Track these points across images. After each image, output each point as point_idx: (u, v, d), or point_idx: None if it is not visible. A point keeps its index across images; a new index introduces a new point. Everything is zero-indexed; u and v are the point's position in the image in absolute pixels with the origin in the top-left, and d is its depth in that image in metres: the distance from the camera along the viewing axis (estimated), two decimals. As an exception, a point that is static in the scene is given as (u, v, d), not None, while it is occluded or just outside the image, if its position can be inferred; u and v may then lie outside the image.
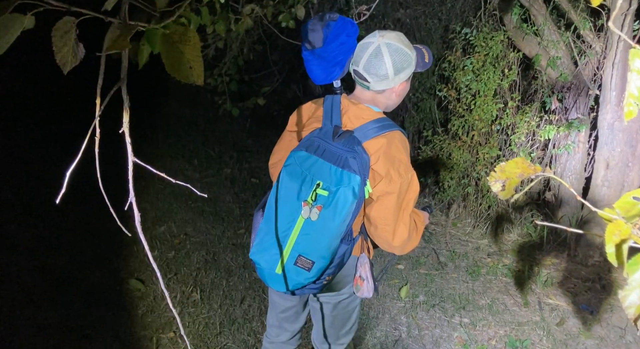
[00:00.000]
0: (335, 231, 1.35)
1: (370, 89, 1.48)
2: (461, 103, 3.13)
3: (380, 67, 1.43)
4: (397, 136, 1.44)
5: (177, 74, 1.12)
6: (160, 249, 3.08)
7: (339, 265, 1.44)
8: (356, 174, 1.35)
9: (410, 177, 1.43)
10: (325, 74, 1.49)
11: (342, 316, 1.68)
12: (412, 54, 1.46)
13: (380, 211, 1.41)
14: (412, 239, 1.49)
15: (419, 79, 3.80)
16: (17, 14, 1.12)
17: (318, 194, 1.35)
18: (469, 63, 2.95)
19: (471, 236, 3.37)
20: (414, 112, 3.92)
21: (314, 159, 1.38)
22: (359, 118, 1.46)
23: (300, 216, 1.36)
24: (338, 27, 1.45)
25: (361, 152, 1.38)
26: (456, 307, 2.71)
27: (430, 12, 3.83)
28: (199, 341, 2.37)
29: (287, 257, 1.39)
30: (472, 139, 3.16)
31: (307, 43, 1.50)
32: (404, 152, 1.43)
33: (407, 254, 3.21)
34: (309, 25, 1.50)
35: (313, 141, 1.42)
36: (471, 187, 3.33)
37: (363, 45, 1.46)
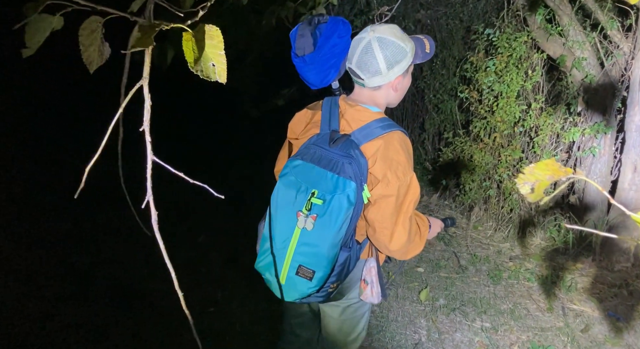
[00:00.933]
0: (331, 240, 1.32)
1: (366, 86, 1.45)
2: (483, 105, 3.09)
3: (371, 62, 1.39)
4: (395, 136, 1.40)
5: (200, 72, 1.13)
6: (181, 249, 3.11)
7: (342, 272, 1.41)
8: (351, 180, 1.32)
9: (410, 179, 1.39)
10: (319, 79, 1.46)
11: (350, 322, 1.64)
12: (407, 46, 1.41)
13: (378, 214, 1.38)
14: (414, 243, 1.45)
15: (439, 81, 3.77)
16: (47, 14, 1.14)
17: (313, 203, 1.33)
18: (492, 64, 2.90)
19: (492, 239, 3.32)
20: (434, 114, 3.88)
21: (309, 166, 1.36)
22: (357, 120, 1.43)
23: (296, 226, 1.35)
24: (328, 29, 1.42)
25: (358, 157, 1.35)
26: (477, 311, 2.67)
27: (451, 13, 3.79)
28: (220, 341, 2.38)
29: (288, 268, 1.37)
30: (494, 141, 3.11)
31: (297, 50, 1.46)
32: (402, 154, 1.39)
33: (427, 257, 3.18)
34: (298, 30, 1.47)
35: (309, 148, 1.39)
36: (493, 190, 3.28)
37: (355, 42, 1.43)
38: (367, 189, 1.38)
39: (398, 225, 1.38)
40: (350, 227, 1.35)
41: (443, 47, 3.77)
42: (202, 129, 5.29)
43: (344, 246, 1.37)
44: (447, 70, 3.65)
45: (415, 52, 1.44)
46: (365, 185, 1.37)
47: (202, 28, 1.11)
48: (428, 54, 1.47)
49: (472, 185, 3.26)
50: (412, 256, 1.48)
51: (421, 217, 1.55)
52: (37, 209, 3.48)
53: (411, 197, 1.39)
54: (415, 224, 1.45)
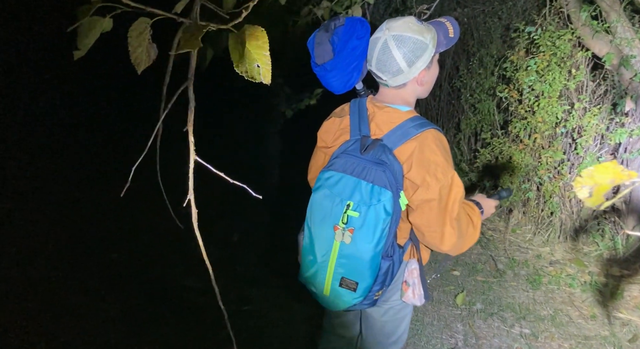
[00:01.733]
0: (371, 252, 1.29)
1: (390, 86, 1.39)
2: (523, 104, 3.00)
3: (390, 63, 1.33)
4: (429, 135, 1.33)
5: (244, 73, 1.13)
6: (217, 247, 3.15)
7: (386, 280, 1.38)
8: (387, 189, 1.27)
9: (451, 178, 1.32)
10: (342, 83, 1.42)
11: (392, 323, 1.62)
12: (427, 38, 1.33)
13: (423, 219, 1.33)
14: (467, 236, 1.39)
15: (477, 80, 3.69)
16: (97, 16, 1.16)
17: (349, 216, 1.29)
18: (533, 63, 2.82)
19: (531, 243, 3.23)
20: (471, 114, 3.80)
21: (342, 177, 1.32)
22: (387, 123, 1.37)
23: (334, 240, 1.32)
24: (346, 32, 1.38)
25: (392, 162, 1.30)
26: (516, 317, 2.60)
27: (489, 11, 3.71)
28: (254, 339, 2.39)
29: (331, 280, 1.35)
30: (534, 142, 3.02)
31: (316, 58, 1.42)
32: (439, 153, 1.32)
33: (462, 260, 3.11)
34: (315, 38, 1.43)
35: (340, 157, 1.35)
36: (532, 192, 3.19)
37: (372, 42, 1.37)
38: (404, 196, 1.34)
39: (446, 226, 1.33)
40: (389, 237, 1.31)
41: (481, 46, 3.69)
42: (238, 128, 5.34)
43: (385, 255, 1.34)
44: (485, 70, 3.57)
45: (438, 40, 1.37)
46: (401, 192, 1.34)
47: (247, 29, 1.10)
48: (452, 38, 1.39)
49: (511, 187, 3.17)
50: (467, 248, 1.42)
51: (470, 206, 1.47)
52: (79, 207, 3.58)
53: (455, 197, 1.32)
54: (465, 218, 1.38)
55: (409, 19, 1.35)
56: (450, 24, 1.42)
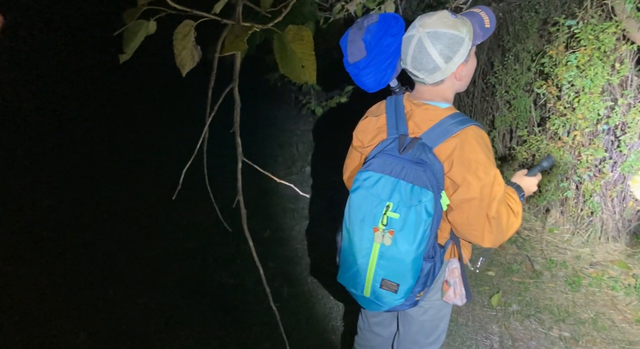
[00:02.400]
0: (413, 254, 1.27)
1: (427, 84, 1.37)
2: (562, 101, 2.91)
3: (427, 61, 1.30)
4: (470, 133, 1.30)
5: (289, 73, 1.13)
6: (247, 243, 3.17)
7: (427, 281, 1.36)
8: (428, 190, 1.25)
9: (493, 177, 1.28)
10: (376, 82, 1.41)
11: (431, 322, 1.61)
12: (463, 31, 1.29)
13: (463, 218, 1.31)
14: (509, 227, 1.36)
15: (512, 76, 3.60)
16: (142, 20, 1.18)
17: (389, 217, 1.27)
18: (573, 58, 2.73)
19: (570, 243, 3.14)
20: (506, 111, 3.72)
21: (380, 178, 1.29)
22: (426, 121, 1.35)
23: (374, 241, 1.30)
24: (379, 30, 1.36)
25: (432, 161, 1.28)
26: (554, 319, 2.53)
27: (525, 4, 3.60)
28: (288, 336, 2.41)
29: (371, 282, 1.34)
30: (573, 139, 2.93)
31: (349, 56, 1.40)
32: (481, 151, 1.29)
33: (497, 260, 3.05)
34: (348, 35, 1.41)
35: (378, 157, 1.33)
36: (571, 191, 3.09)
37: (405, 40, 1.34)
38: (445, 195, 1.31)
39: (487, 225, 1.30)
40: (431, 238, 1.29)
41: (516, 41, 3.59)
42: (266, 127, 5.37)
43: (427, 257, 1.32)
44: (521, 65, 3.48)
45: (474, 32, 1.33)
46: (442, 192, 1.31)
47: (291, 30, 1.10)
48: (489, 28, 1.35)
49: (548, 186, 3.09)
50: (509, 237, 1.40)
51: (509, 195, 1.43)
52: (117, 205, 3.67)
53: (496, 195, 1.29)
54: (505, 212, 1.34)
55: (442, 13, 1.32)
56: (486, 13, 1.37)
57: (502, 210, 1.34)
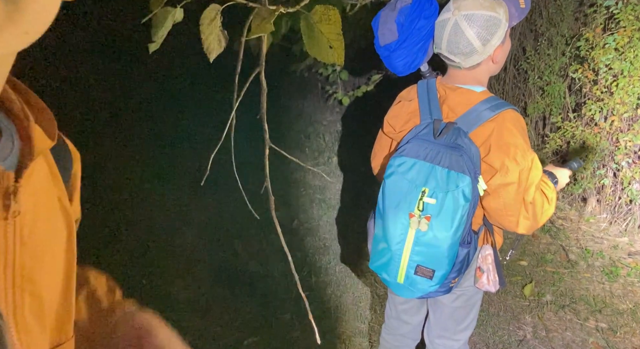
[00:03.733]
0: (450, 240, 1.25)
1: (463, 68, 1.34)
2: (599, 85, 2.81)
3: (464, 44, 1.27)
4: (507, 116, 1.28)
5: (317, 54, 1.11)
6: (275, 233, 3.19)
7: (463, 267, 1.34)
8: (465, 175, 1.23)
9: (531, 161, 1.26)
10: (407, 65, 1.38)
11: (463, 309, 1.58)
12: (500, 12, 1.27)
13: (499, 203, 1.28)
14: (543, 213, 1.34)
15: (545, 61, 3.49)
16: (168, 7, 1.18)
17: (425, 203, 1.26)
18: (612, 40, 2.62)
19: (607, 232, 3.04)
20: (539, 97, 3.61)
21: (415, 163, 1.28)
22: (461, 104, 1.32)
23: (410, 227, 1.29)
24: (413, 11, 1.33)
25: (469, 146, 1.26)
26: (590, 310, 2.46)
27: (560, -14, 3.48)
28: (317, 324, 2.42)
29: (405, 268, 1.33)
30: (611, 125, 2.82)
31: (380, 38, 1.38)
32: (518, 135, 1.27)
33: (530, 250, 2.98)
34: (380, 17, 1.39)
35: (412, 142, 1.31)
36: (608, 179, 2.99)
37: (440, 24, 1.31)
38: (482, 180, 1.29)
39: (522, 210, 1.28)
40: (467, 223, 1.28)
41: (550, 25, 3.47)
42: (292, 117, 5.38)
43: (463, 243, 1.30)
44: (555, 50, 3.36)
45: (510, 13, 1.30)
46: (480, 176, 1.29)
47: (318, 10, 1.08)
48: (524, 9, 1.32)
49: (584, 173, 2.99)
50: (543, 224, 1.38)
51: (544, 181, 1.40)
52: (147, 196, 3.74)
53: (533, 180, 1.28)
54: (540, 198, 1.32)
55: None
56: None
57: (538, 196, 1.31)
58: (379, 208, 1.37)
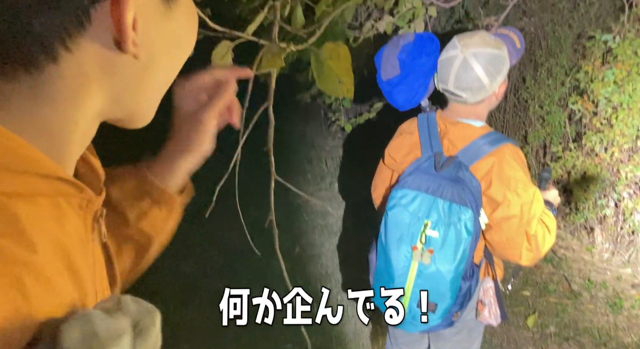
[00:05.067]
0: (452, 274, 1.26)
1: (468, 103, 1.37)
2: (599, 117, 2.84)
3: (473, 80, 1.31)
4: (507, 150, 1.31)
5: (327, 89, 1.14)
6: (277, 261, 3.18)
7: (465, 301, 1.35)
8: (467, 207, 1.24)
9: (532, 194, 1.28)
10: (407, 100, 1.42)
11: (465, 342, 1.57)
12: (503, 50, 1.31)
13: (502, 237, 1.30)
14: (545, 244, 1.33)
15: (545, 91, 3.54)
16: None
17: (427, 235, 1.27)
18: (610, 73, 2.67)
19: (610, 263, 3.02)
20: (539, 126, 3.65)
21: (417, 195, 1.29)
22: (461, 138, 1.35)
23: (413, 260, 1.30)
24: (415, 49, 1.37)
25: (470, 179, 1.28)
26: (595, 342, 2.43)
27: (558, 19, 3.56)
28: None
29: (408, 301, 1.33)
30: (611, 156, 2.85)
31: (382, 73, 1.43)
32: (519, 169, 1.29)
33: (533, 280, 2.97)
34: (383, 53, 1.43)
35: (414, 174, 1.33)
36: (609, 209, 3.00)
37: (446, 61, 1.34)
38: (483, 213, 1.31)
39: (524, 243, 1.29)
40: (470, 257, 1.28)
41: (549, 56, 3.54)
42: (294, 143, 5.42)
43: (466, 276, 1.30)
44: (555, 80, 3.42)
45: (509, 52, 1.35)
46: (481, 209, 1.30)
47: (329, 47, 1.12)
48: (520, 49, 1.38)
49: (585, 203, 3.00)
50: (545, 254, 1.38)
51: (546, 214, 1.39)
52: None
53: (535, 213, 1.28)
54: (541, 229, 1.32)
55: (483, 33, 1.34)
56: (515, 34, 1.40)
57: (539, 228, 1.32)
58: (380, 240, 1.37)
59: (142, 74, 0.40)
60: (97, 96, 0.37)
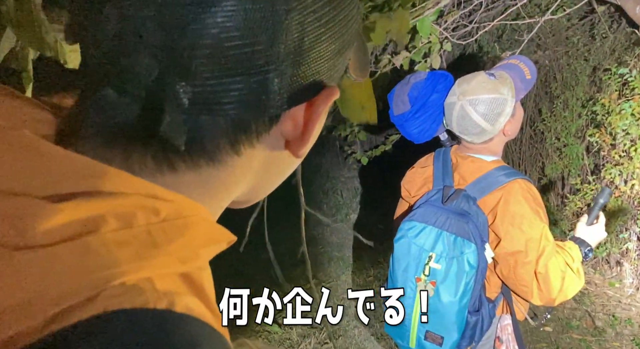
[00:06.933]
0: (455, 307, 1.26)
1: (475, 143, 1.39)
2: (617, 149, 2.83)
3: (472, 126, 1.33)
4: (516, 186, 1.30)
5: (350, 116, 1.18)
6: (294, 293, 3.17)
7: (474, 335, 1.32)
8: (471, 242, 1.25)
9: (540, 232, 1.25)
10: (420, 134, 1.44)
11: None
12: (504, 90, 1.31)
13: (510, 273, 1.28)
14: (568, 285, 1.28)
15: (562, 123, 3.54)
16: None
17: (431, 268, 1.28)
18: (628, 106, 2.67)
19: (634, 299, 2.95)
20: (557, 158, 3.63)
21: (423, 228, 1.31)
22: (471, 173, 1.36)
23: (417, 292, 1.30)
24: (426, 86, 1.40)
25: (476, 213, 1.28)
26: (622, 383, 2.35)
27: (573, 52, 3.59)
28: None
29: (416, 333, 1.33)
30: (632, 188, 2.82)
31: (394, 108, 1.46)
32: (526, 205, 1.27)
33: (555, 315, 2.90)
34: (395, 90, 1.47)
35: (422, 207, 1.35)
36: (632, 242, 2.94)
37: (447, 106, 1.38)
38: (489, 248, 1.31)
39: (534, 281, 1.27)
40: (475, 290, 1.28)
41: (565, 88, 3.56)
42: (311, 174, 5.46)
43: (472, 310, 1.30)
44: (571, 112, 3.42)
45: (515, 87, 1.35)
46: (487, 244, 1.31)
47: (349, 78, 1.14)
48: (530, 80, 1.37)
49: (608, 236, 2.95)
50: (571, 297, 1.33)
51: (569, 248, 1.35)
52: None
53: (543, 251, 1.26)
54: (560, 268, 1.28)
55: (480, 77, 1.35)
56: (525, 64, 1.40)
57: (554, 267, 1.28)
58: (389, 272, 1.40)
59: (288, 169, 0.41)
60: (244, 187, 0.38)
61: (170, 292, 0.28)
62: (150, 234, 0.29)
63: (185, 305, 0.28)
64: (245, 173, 0.36)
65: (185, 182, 0.33)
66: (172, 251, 0.29)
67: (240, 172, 0.36)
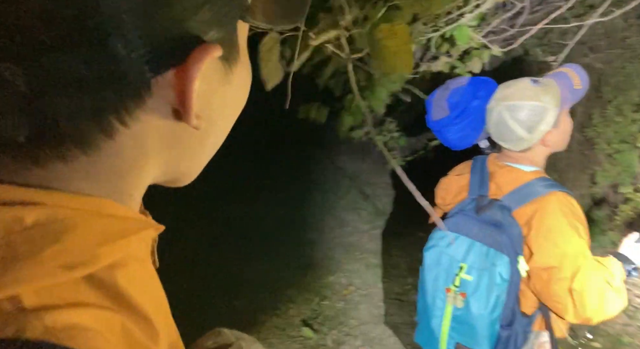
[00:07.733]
0: (486, 320, 1.21)
1: (513, 150, 1.34)
2: (674, 156, 2.66)
3: (509, 133, 1.29)
4: (553, 199, 1.24)
5: (383, 67, 1.16)
6: (330, 299, 3.16)
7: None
8: (503, 254, 1.20)
9: (576, 249, 1.18)
10: (459, 140, 1.41)
11: None
12: (545, 99, 1.25)
13: (543, 288, 1.23)
14: (607, 304, 1.20)
15: (614, 129, 3.37)
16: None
17: (462, 279, 1.24)
18: (686, 110, 2.51)
19: (693, 316, 2.75)
20: (608, 165, 3.46)
21: (456, 238, 1.28)
22: (508, 183, 1.32)
23: (447, 303, 1.27)
24: (466, 92, 1.37)
25: (511, 224, 1.24)
26: (678, 406, 2.20)
27: (628, 55, 3.41)
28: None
29: (445, 345, 1.31)
30: (690, 198, 2.63)
31: (432, 114, 1.44)
32: (563, 219, 1.21)
33: (604, 330, 2.75)
34: (434, 96, 1.45)
35: (456, 217, 1.33)
36: (691, 256, 2.74)
37: (488, 111, 1.35)
38: (522, 261, 1.25)
39: (568, 298, 1.20)
40: (508, 304, 1.23)
41: (617, 93, 3.39)
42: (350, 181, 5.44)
43: (505, 324, 1.25)
44: (624, 118, 3.25)
45: (562, 96, 1.29)
46: (520, 257, 1.25)
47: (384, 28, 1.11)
48: (580, 90, 1.31)
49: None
50: (614, 315, 1.23)
51: (611, 265, 1.27)
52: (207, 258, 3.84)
53: (578, 268, 1.19)
54: (598, 286, 1.21)
55: (522, 83, 1.31)
56: (576, 73, 1.34)
57: (591, 285, 1.21)
58: (420, 281, 1.37)
59: (200, 142, 0.38)
60: (153, 168, 0.35)
61: (37, 309, 0.25)
62: (9, 246, 0.26)
63: (57, 321, 0.25)
64: (137, 156, 0.33)
65: (65, 175, 0.30)
66: (46, 259, 0.26)
67: (128, 156, 0.32)
